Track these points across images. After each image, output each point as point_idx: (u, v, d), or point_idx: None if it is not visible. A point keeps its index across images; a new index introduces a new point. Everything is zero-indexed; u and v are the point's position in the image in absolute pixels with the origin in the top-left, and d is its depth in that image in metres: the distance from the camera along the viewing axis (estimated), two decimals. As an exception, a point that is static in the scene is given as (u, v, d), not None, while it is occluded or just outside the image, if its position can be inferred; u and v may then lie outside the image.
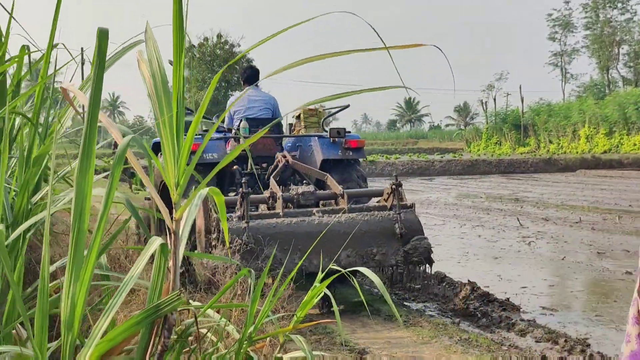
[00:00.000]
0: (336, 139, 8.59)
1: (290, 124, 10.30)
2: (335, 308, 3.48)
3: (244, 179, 7.46)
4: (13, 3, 4.17)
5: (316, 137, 8.84)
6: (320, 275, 3.56)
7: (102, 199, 2.44)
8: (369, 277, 3.39)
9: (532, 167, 41.58)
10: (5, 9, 3.64)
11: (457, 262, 10.94)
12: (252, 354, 3.69)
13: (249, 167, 8.54)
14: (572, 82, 78.19)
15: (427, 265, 7.41)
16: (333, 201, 7.80)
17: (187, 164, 2.54)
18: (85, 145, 2.29)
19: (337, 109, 9.77)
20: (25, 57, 4.01)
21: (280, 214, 7.08)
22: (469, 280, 7.83)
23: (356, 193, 8.00)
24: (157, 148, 8.28)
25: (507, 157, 47.06)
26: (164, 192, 6.80)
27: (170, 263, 2.56)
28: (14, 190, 3.44)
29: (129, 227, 7.75)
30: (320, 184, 8.30)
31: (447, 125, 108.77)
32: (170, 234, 2.57)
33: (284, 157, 8.23)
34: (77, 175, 2.29)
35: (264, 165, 8.65)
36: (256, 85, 9.32)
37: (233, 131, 8.78)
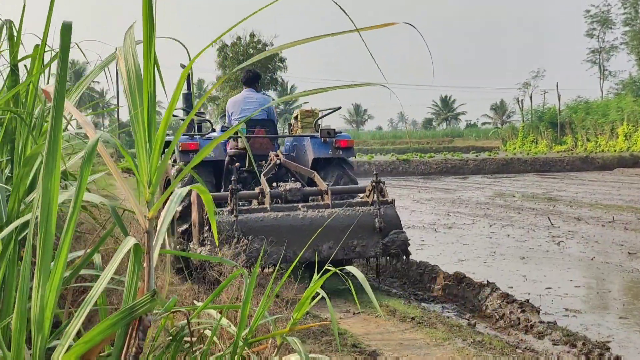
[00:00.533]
0: (327, 139, 9.15)
1: (290, 124, 10.80)
2: (329, 307, 3.38)
3: (233, 176, 7.95)
4: (24, 5, 4.17)
5: (309, 137, 9.39)
6: (316, 276, 3.46)
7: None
8: (355, 274, 3.30)
9: (568, 166, 41.00)
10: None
11: (483, 262, 10.77)
12: (253, 356, 3.64)
13: (247, 165, 9.04)
14: (611, 79, 76.89)
15: (405, 257, 7.93)
16: (320, 197, 8.35)
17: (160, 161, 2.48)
18: (50, 143, 2.24)
19: (329, 111, 10.31)
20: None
21: (268, 208, 7.69)
22: (487, 281, 7.68)
23: (340, 190, 8.58)
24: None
25: (543, 155, 46.46)
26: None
27: (145, 263, 2.50)
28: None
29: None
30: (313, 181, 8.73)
31: (483, 124, 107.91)
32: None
33: (276, 156, 8.79)
34: (43, 175, 2.24)
35: (262, 162, 9.03)
36: (254, 88, 9.81)
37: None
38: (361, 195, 8.43)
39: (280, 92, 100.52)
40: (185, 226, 8.10)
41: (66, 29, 2.29)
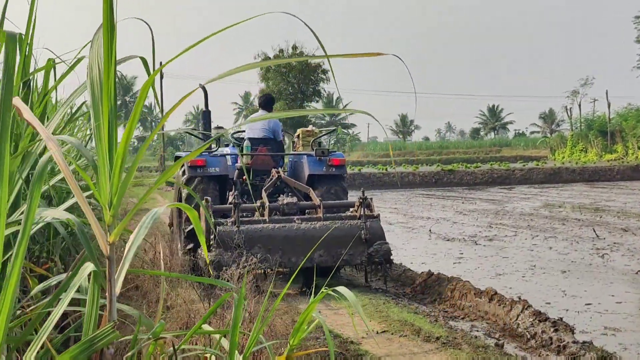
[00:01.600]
0: (321, 157, 10.09)
1: (293, 142, 11.82)
2: (327, 333, 3.16)
3: (235, 191, 9.37)
4: (35, 16, 4.05)
5: (305, 155, 10.35)
6: (312, 299, 3.23)
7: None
8: (345, 295, 3.07)
9: (619, 175, 40.08)
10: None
11: (521, 277, 10.41)
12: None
13: (251, 178, 10.14)
14: (663, 85, 74.94)
15: (388, 265, 8.85)
16: (314, 210, 9.31)
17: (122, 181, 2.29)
18: (-5, 163, 2.07)
19: (325, 132, 11.53)
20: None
21: (267, 220, 8.70)
22: (519, 298, 7.35)
23: (332, 204, 9.50)
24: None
25: (592, 164, 45.54)
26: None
27: (107, 292, 2.32)
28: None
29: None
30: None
31: (532, 133, 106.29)
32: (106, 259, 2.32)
33: (277, 172, 9.79)
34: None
35: (265, 177, 10.10)
36: (268, 110, 10.80)
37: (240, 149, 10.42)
38: (351, 209, 9.36)
39: (326, 103, 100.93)
40: (189, 228, 8.98)
41: (11, 40, 2.13)
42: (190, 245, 8.96)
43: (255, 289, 6.13)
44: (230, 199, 8.95)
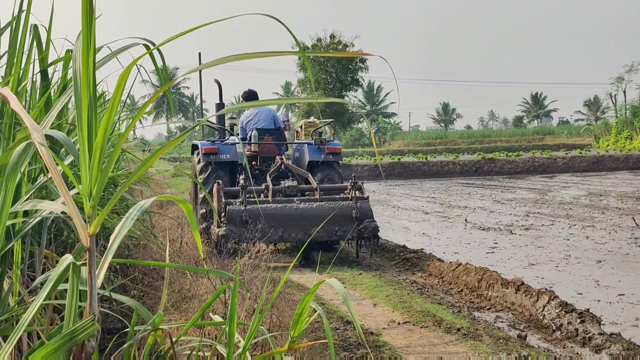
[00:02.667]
0: (321, 144, 11.34)
1: (297, 131, 13.01)
2: (326, 326, 3.09)
3: (242, 175, 10.47)
4: (52, 11, 4.05)
5: (306, 144, 11.63)
6: (313, 288, 3.17)
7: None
8: (336, 288, 3.01)
9: (664, 162, 39.26)
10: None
11: (554, 266, 10.23)
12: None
13: (259, 164, 11.53)
14: None
15: (375, 240, 10.10)
16: (312, 192, 10.56)
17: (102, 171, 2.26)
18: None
19: (325, 123, 12.51)
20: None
21: (270, 200, 9.97)
22: (546, 288, 7.21)
23: (328, 187, 10.77)
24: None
25: (637, 152, 44.61)
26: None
27: (87, 284, 2.29)
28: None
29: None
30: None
31: (576, 120, 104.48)
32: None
33: (281, 159, 11.14)
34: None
35: (270, 163, 11.42)
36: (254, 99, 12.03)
37: (248, 138, 11.70)
38: (345, 192, 10.50)
39: (367, 92, 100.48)
40: (203, 210, 10.68)
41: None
42: (204, 225, 10.40)
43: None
44: (241, 182, 9.99)
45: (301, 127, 12.61)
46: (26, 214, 3.26)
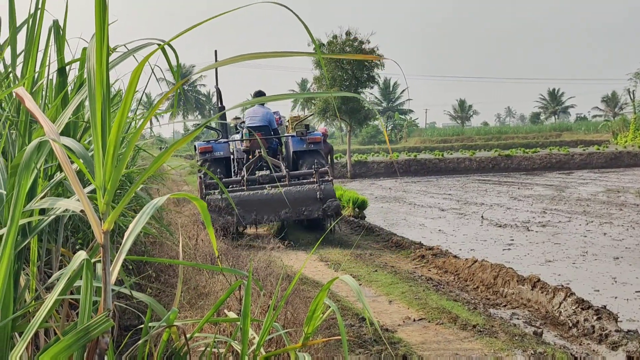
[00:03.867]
0: (303, 135, 12.87)
1: (286, 126, 14.48)
2: (340, 324, 3.09)
3: (235, 169, 13.04)
4: (66, 10, 4.08)
5: (290, 136, 13.24)
6: (327, 284, 3.16)
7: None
8: (350, 284, 3.00)
9: (683, 159, 38.93)
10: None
11: (571, 263, 10.18)
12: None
13: (251, 156, 12.92)
14: None
15: (338, 216, 11.82)
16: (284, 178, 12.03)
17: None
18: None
19: (307, 116, 14.51)
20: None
21: (245, 189, 11.69)
22: (563, 285, 7.18)
23: (297, 174, 12.28)
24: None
25: (656, 148, 44.26)
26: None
27: (102, 281, 2.30)
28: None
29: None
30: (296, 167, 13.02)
31: (594, 117, 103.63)
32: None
33: (259, 152, 12.61)
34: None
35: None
36: (261, 104, 13.45)
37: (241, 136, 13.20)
38: (312, 177, 11.97)
39: (383, 89, 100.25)
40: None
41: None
42: None
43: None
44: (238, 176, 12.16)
45: (289, 121, 14.24)
46: (43, 211, 3.29)
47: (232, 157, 13.23)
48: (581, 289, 7.81)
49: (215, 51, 13.80)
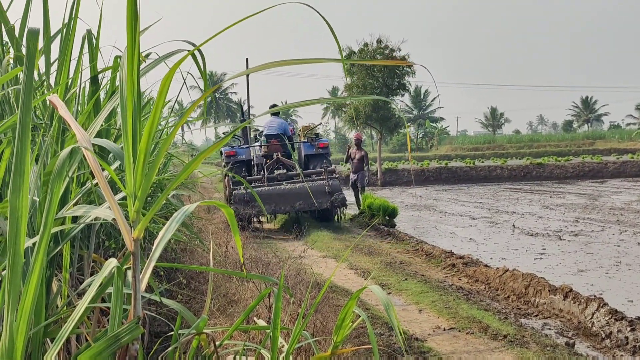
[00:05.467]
0: (313, 142, 15.91)
1: (298, 134, 17.73)
2: (370, 332, 3.08)
3: (255, 170, 15.74)
4: (100, 19, 4.13)
5: (302, 143, 16.23)
6: (356, 293, 3.15)
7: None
8: (377, 294, 2.99)
9: None
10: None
11: (604, 273, 10.05)
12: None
13: (269, 160, 15.68)
14: None
15: (344, 208, 15.13)
16: (298, 176, 14.74)
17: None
18: (17, 160, 2.10)
19: (316, 126, 17.86)
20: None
21: (265, 185, 14.36)
22: (595, 295, 7.09)
23: (309, 172, 15.21)
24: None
25: (691, 156, 43.60)
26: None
27: (132, 288, 2.32)
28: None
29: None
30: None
31: (628, 125, 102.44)
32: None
33: (277, 156, 15.51)
34: (10, 195, 2.10)
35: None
36: (275, 115, 17.05)
37: (260, 141, 16.31)
38: (322, 175, 14.80)
39: (413, 97, 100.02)
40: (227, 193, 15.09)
41: (32, 36, 2.15)
42: None
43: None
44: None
45: (301, 130, 17.51)
46: (75, 218, 3.32)
47: (252, 161, 15.77)
48: (614, 300, 7.71)
49: (247, 59, 15.20)
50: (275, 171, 15.09)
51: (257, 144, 16.40)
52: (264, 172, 14.98)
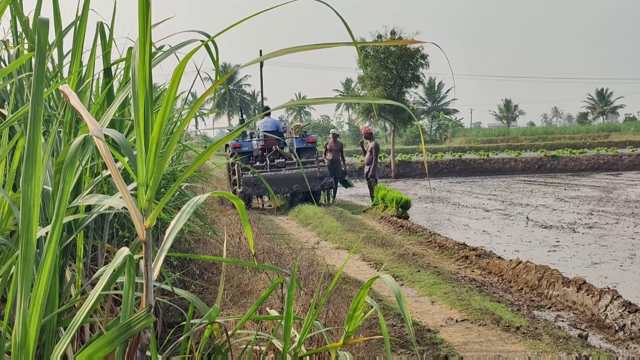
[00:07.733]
0: (303, 137, 19.64)
1: (290, 131, 20.94)
2: (382, 324, 3.08)
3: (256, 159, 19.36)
4: (114, 11, 4.15)
5: (294, 138, 19.58)
6: (367, 283, 3.15)
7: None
8: (389, 285, 2.98)
9: None
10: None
11: (618, 266, 10.01)
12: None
13: (267, 151, 19.07)
14: None
15: (331, 191, 19.37)
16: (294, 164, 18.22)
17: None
18: (29, 148, 2.11)
19: (304, 125, 21.54)
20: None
21: (268, 171, 17.68)
22: (609, 288, 7.06)
23: (303, 161, 18.36)
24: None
25: None
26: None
27: (144, 277, 2.33)
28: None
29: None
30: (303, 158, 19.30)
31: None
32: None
33: (276, 148, 18.71)
34: (22, 183, 2.11)
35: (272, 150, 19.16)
36: (268, 115, 19.45)
37: (258, 135, 19.84)
38: (315, 162, 18.58)
39: (427, 89, 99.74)
40: (234, 188, 18.36)
41: (43, 25, 2.16)
42: (233, 188, 18.37)
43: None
44: (257, 163, 18.57)
45: (292, 129, 20.95)
46: (89, 208, 3.35)
47: (253, 152, 19.19)
48: (628, 292, 7.68)
49: (260, 50, 15.85)
50: (276, 160, 18.51)
51: (255, 138, 19.81)
52: (266, 161, 18.42)
